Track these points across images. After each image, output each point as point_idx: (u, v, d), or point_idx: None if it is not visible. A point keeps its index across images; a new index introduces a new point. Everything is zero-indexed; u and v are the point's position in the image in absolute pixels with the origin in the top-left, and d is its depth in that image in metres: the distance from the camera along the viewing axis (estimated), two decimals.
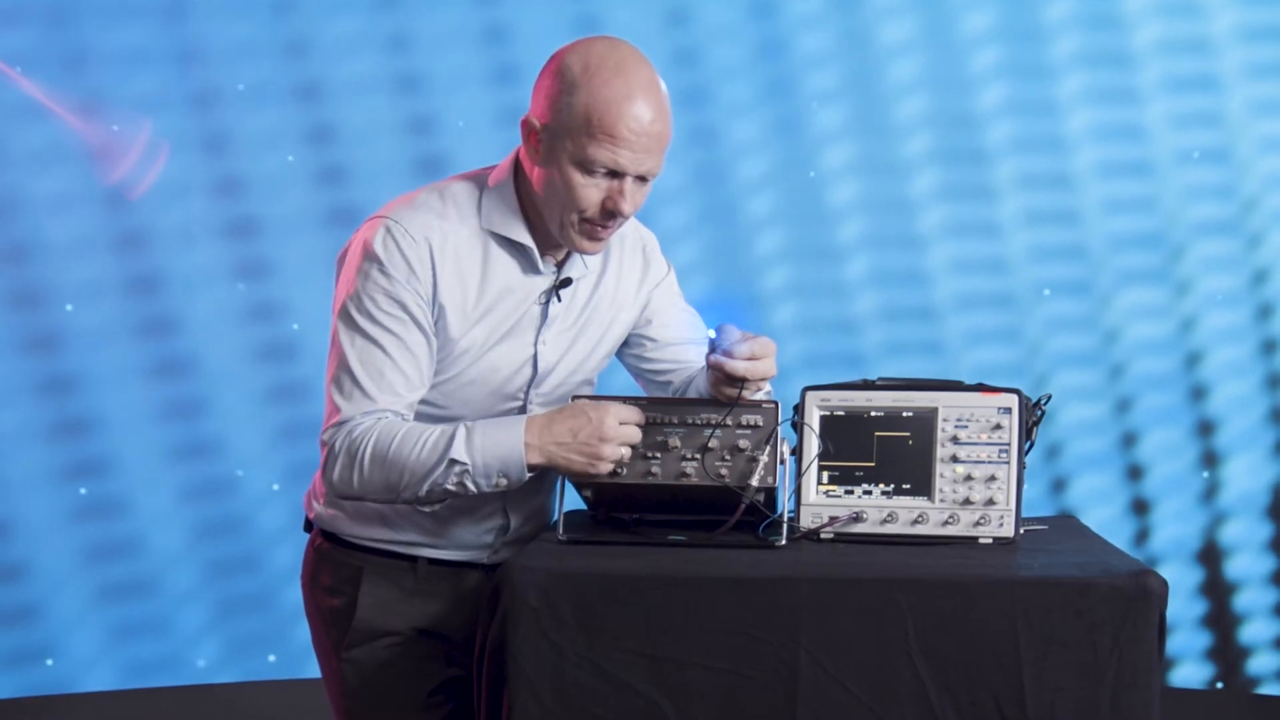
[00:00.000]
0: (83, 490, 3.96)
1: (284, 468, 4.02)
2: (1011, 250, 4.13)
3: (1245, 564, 4.13)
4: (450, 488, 2.11)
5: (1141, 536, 4.14)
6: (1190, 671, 4.15)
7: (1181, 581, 4.10)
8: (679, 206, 4.06)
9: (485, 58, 4.04)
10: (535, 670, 1.95)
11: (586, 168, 2.09)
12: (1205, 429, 4.13)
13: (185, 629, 4.05)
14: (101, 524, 3.99)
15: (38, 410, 3.96)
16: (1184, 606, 4.10)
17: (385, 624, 2.27)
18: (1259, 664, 4.14)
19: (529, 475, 2.12)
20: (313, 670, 2.39)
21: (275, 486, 4.02)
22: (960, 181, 4.11)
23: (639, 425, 2.12)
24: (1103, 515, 4.11)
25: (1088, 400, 4.11)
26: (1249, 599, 4.14)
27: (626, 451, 2.12)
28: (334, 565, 2.30)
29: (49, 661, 3.98)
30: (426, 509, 2.20)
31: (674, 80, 2.17)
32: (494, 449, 2.09)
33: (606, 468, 2.11)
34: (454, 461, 2.09)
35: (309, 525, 2.38)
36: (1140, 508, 4.14)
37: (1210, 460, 4.12)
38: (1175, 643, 4.07)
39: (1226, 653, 4.14)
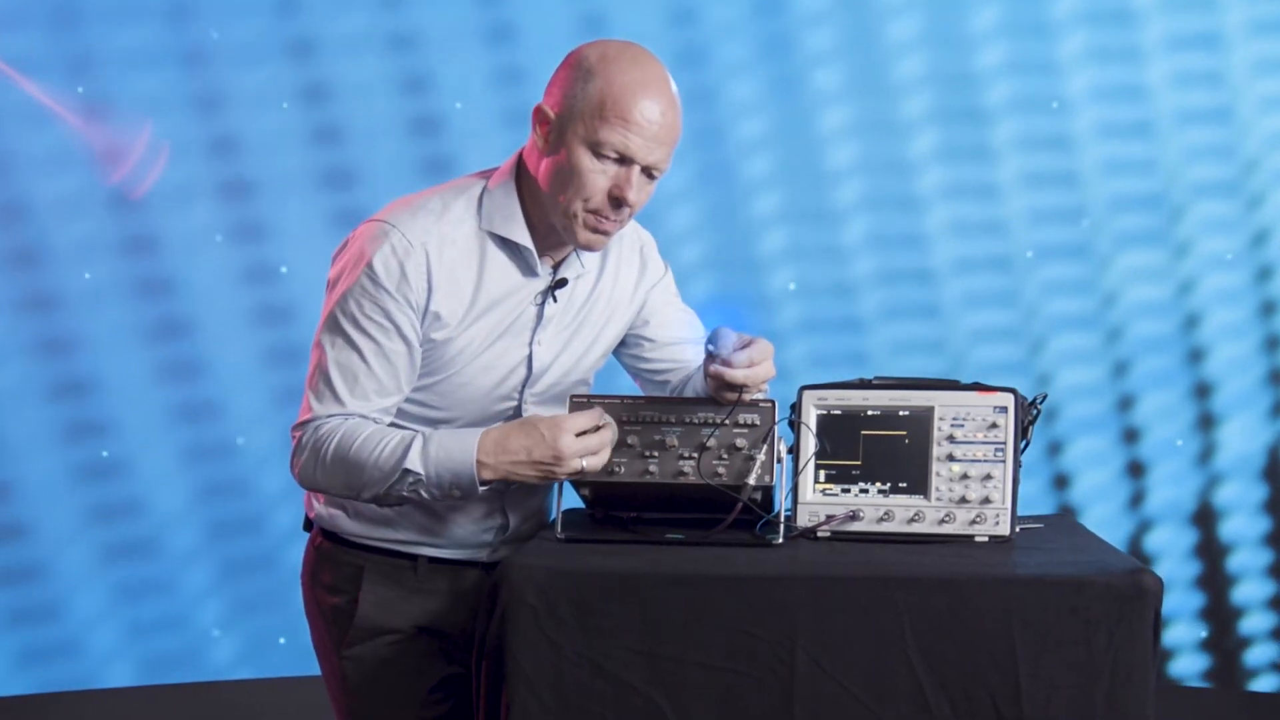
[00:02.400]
0: (96, 482, 3.98)
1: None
2: (1010, 213, 4.10)
3: (1240, 526, 4.14)
4: (405, 495, 2.13)
5: (1137, 499, 4.16)
6: (1184, 632, 4.18)
7: (1175, 544, 4.12)
8: (684, 206, 4.03)
9: (491, 57, 4.00)
10: (534, 668, 1.96)
11: (597, 150, 2.09)
12: (1202, 391, 4.13)
13: (198, 619, 4.07)
14: (116, 514, 4.00)
15: (48, 404, 3.96)
16: (1178, 568, 4.13)
17: (386, 622, 2.29)
18: (1252, 624, 4.17)
19: (483, 490, 2.12)
20: (314, 667, 2.40)
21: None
22: (961, 151, 4.08)
23: (604, 426, 2.11)
24: (1098, 478, 4.12)
25: (1085, 364, 4.11)
26: (1243, 560, 4.16)
27: (597, 460, 2.10)
28: (335, 564, 2.31)
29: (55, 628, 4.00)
30: (385, 509, 2.22)
31: (679, 79, 2.17)
32: (446, 462, 2.10)
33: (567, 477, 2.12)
34: (407, 471, 2.10)
35: (309, 524, 2.39)
36: (1136, 470, 4.15)
37: (1207, 423, 4.13)
38: (1169, 605, 4.09)
39: (1220, 613, 4.17)
